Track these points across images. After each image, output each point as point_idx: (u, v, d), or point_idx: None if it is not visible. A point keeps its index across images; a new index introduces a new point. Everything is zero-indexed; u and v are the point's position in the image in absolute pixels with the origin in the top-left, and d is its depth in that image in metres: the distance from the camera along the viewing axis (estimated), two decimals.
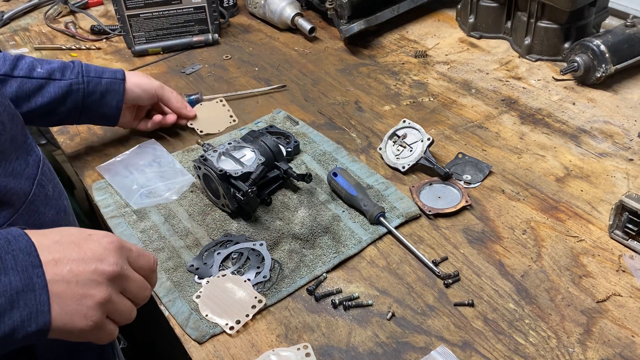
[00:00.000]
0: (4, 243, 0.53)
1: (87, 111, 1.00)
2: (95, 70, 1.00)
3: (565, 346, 0.73)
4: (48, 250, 0.54)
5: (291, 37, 1.50)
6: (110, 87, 1.00)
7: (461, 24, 1.46)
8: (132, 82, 1.03)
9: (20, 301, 0.51)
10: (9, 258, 0.52)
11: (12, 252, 0.52)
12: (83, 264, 0.55)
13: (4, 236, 0.53)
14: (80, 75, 0.98)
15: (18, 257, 0.52)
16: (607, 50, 1.13)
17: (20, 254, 0.53)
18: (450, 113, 1.16)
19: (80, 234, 0.58)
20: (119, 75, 1.01)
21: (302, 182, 0.96)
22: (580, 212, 0.92)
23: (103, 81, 0.99)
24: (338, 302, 0.79)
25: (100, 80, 0.99)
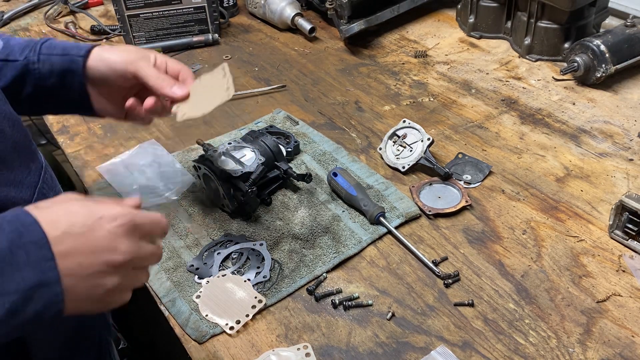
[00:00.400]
0: (16, 236, 0.51)
1: (50, 97, 0.82)
2: (57, 47, 0.81)
3: (565, 346, 0.73)
4: (59, 242, 0.52)
5: (291, 37, 1.50)
6: (68, 66, 0.79)
7: (461, 24, 1.46)
8: (96, 58, 0.80)
9: (34, 296, 0.50)
10: (21, 253, 0.50)
11: (25, 247, 0.51)
12: (93, 257, 0.54)
13: (15, 227, 0.51)
14: (36, 53, 0.79)
15: (30, 251, 0.51)
16: (607, 50, 1.13)
17: (33, 247, 0.51)
18: (450, 113, 1.16)
19: (90, 218, 0.55)
20: (81, 51, 0.80)
21: (302, 182, 0.96)
22: (580, 212, 0.92)
23: (59, 59, 0.79)
24: (338, 302, 0.79)
25: (58, 59, 0.79)
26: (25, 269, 0.50)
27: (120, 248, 0.55)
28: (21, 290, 0.49)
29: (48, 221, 0.53)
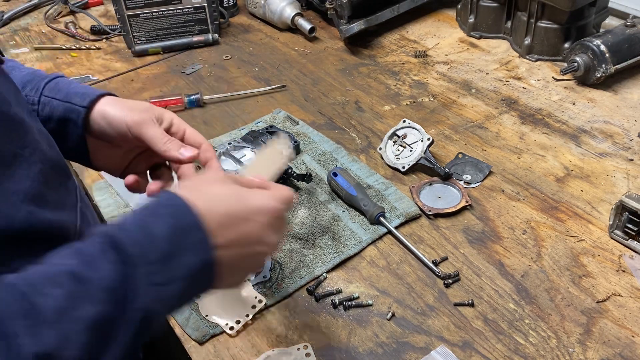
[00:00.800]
0: (174, 217, 0.52)
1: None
2: (61, 91, 0.72)
3: (565, 346, 0.73)
4: (214, 235, 0.53)
5: (291, 37, 1.50)
6: (68, 115, 0.71)
7: (461, 24, 1.46)
8: (99, 112, 0.71)
9: (198, 280, 0.52)
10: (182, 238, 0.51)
11: (185, 231, 0.51)
12: (245, 247, 0.56)
13: (170, 206, 0.53)
14: (38, 93, 0.72)
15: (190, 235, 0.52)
16: (607, 50, 1.13)
17: (192, 231, 0.52)
18: (450, 113, 1.16)
19: (241, 210, 0.56)
20: (84, 101, 0.71)
21: (302, 182, 0.96)
22: (580, 212, 0.92)
23: (61, 105, 0.71)
24: (338, 302, 0.79)
25: (59, 105, 0.71)
26: (187, 254, 0.51)
27: (267, 240, 0.58)
28: (188, 276, 0.50)
29: (205, 207, 0.53)
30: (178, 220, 0.51)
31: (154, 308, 0.49)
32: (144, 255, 0.49)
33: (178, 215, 0.52)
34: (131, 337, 0.47)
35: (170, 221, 0.51)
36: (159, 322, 0.52)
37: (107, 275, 0.47)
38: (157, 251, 0.49)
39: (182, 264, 0.50)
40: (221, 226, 0.54)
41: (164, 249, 0.50)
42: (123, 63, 1.41)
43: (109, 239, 0.49)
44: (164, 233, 0.50)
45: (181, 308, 0.55)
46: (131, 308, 0.47)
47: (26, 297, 0.44)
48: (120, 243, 0.49)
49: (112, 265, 0.47)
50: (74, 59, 1.44)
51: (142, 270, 0.48)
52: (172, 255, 0.50)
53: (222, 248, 0.53)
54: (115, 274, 0.47)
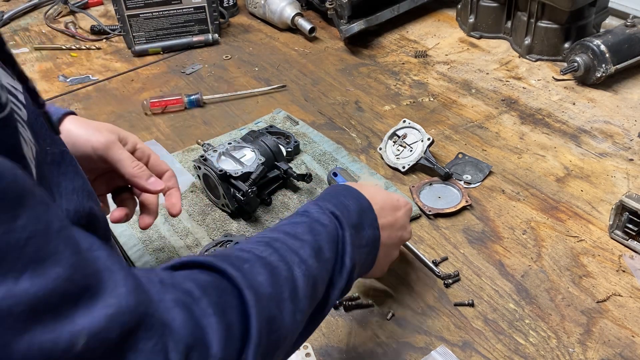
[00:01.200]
0: (357, 200, 0.65)
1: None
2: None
3: (565, 346, 0.73)
4: (379, 215, 0.66)
5: (291, 37, 1.50)
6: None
7: (461, 24, 1.46)
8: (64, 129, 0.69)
9: (371, 252, 0.65)
10: (364, 215, 0.65)
11: (365, 211, 0.65)
12: (395, 231, 0.70)
13: (350, 192, 0.67)
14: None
15: (368, 214, 0.65)
16: (607, 50, 1.13)
17: (369, 212, 0.65)
18: (450, 113, 1.16)
19: (391, 201, 0.71)
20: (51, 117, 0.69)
21: (302, 182, 0.96)
22: (580, 212, 0.92)
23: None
24: (338, 302, 0.79)
25: None
26: (367, 228, 0.64)
27: (408, 227, 0.74)
28: (369, 243, 0.64)
29: (369, 197, 0.67)
30: (360, 202, 0.65)
31: (357, 263, 0.60)
32: (347, 221, 0.61)
33: (359, 198, 0.66)
34: (344, 284, 0.59)
35: (356, 201, 0.65)
36: (354, 279, 0.62)
37: (332, 229, 0.59)
38: (352, 220, 0.62)
39: (365, 235, 0.63)
40: (382, 210, 0.68)
41: (355, 220, 0.63)
42: (123, 63, 1.41)
43: (322, 206, 0.62)
44: (354, 208, 0.64)
45: (356, 279, 0.64)
46: (344, 257, 0.59)
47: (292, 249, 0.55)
48: (331, 209, 0.62)
49: (332, 222, 0.60)
50: (74, 59, 1.44)
51: (348, 231, 0.60)
52: (360, 226, 0.63)
53: (382, 228, 0.67)
54: (335, 229, 0.60)
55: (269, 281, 0.48)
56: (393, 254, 0.72)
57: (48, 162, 0.50)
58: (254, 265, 0.49)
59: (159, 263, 0.86)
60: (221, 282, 0.46)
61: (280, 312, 0.48)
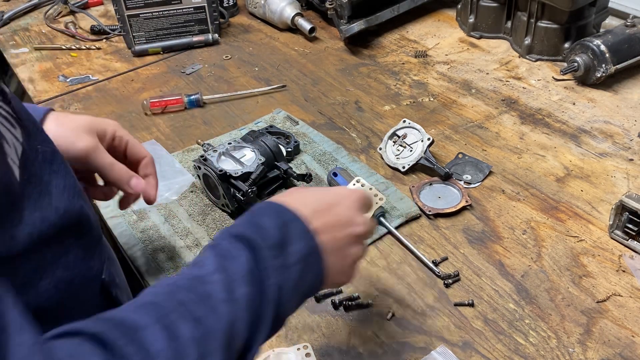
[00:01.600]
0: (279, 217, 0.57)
1: None
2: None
3: (565, 346, 0.73)
4: (312, 219, 0.58)
5: (291, 37, 1.50)
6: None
7: (461, 24, 1.46)
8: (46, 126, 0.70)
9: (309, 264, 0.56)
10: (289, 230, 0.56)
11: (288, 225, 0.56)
12: (340, 230, 0.60)
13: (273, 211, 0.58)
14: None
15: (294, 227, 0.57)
16: (607, 50, 1.13)
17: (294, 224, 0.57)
18: (450, 113, 1.16)
19: (326, 198, 0.62)
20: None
21: (302, 182, 0.96)
22: (580, 212, 0.92)
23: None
24: (338, 302, 0.79)
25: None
26: (296, 242, 0.56)
27: (357, 220, 0.62)
28: (301, 259, 0.55)
29: (296, 205, 0.59)
30: (280, 216, 0.57)
31: (284, 287, 0.53)
32: (263, 241, 0.54)
33: (280, 212, 0.57)
34: (273, 317, 0.52)
35: (274, 217, 0.57)
36: (290, 307, 0.56)
37: (244, 260, 0.52)
38: (271, 239, 0.54)
39: (294, 250, 0.55)
40: (315, 213, 0.59)
41: (276, 237, 0.55)
42: (123, 63, 1.41)
43: (231, 235, 0.55)
44: (272, 225, 0.55)
45: (304, 299, 0.59)
46: (268, 284, 0.52)
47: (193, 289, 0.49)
48: (241, 235, 0.54)
49: (243, 251, 0.53)
50: (73, 59, 1.44)
51: (266, 253, 0.53)
52: (284, 243, 0.55)
53: (321, 232, 0.58)
54: (249, 257, 0.52)
55: (170, 346, 0.43)
56: (351, 253, 0.62)
57: (39, 160, 0.50)
58: (150, 330, 0.43)
59: (159, 263, 0.86)
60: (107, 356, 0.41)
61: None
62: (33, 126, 0.53)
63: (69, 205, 0.52)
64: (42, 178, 0.50)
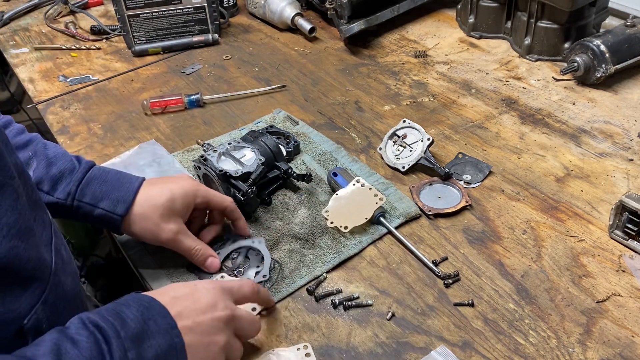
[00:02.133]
0: (144, 310, 0.58)
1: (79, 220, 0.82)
2: (93, 195, 0.78)
3: (565, 346, 0.73)
4: (172, 306, 0.60)
5: (291, 37, 1.50)
6: (105, 219, 0.79)
7: (461, 24, 1.46)
8: (135, 225, 0.79)
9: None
10: (151, 324, 0.58)
11: (153, 318, 0.58)
12: (202, 314, 0.62)
13: (139, 303, 0.59)
14: (71, 198, 0.78)
15: (158, 320, 0.58)
16: (607, 50, 1.13)
17: (159, 318, 0.59)
18: (450, 113, 1.16)
19: (188, 287, 0.64)
20: (119, 210, 0.78)
21: (302, 182, 0.96)
22: (580, 212, 0.92)
23: (95, 211, 0.78)
24: (338, 302, 0.79)
25: (93, 210, 0.78)
26: (157, 337, 0.57)
27: (220, 304, 0.64)
28: (159, 355, 0.56)
29: (157, 294, 0.62)
30: (146, 308, 0.59)
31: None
32: (117, 333, 0.54)
33: (147, 305, 0.59)
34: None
35: (140, 308, 0.58)
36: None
37: (88, 346, 0.52)
38: (128, 330, 0.55)
39: (154, 344, 0.56)
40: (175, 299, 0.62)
41: (135, 329, 0.56)
42: (123, 63, 1.41)
43: (82, 321, 0.55)
44: (135, 316, 0.57)
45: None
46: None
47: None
48: (94, 322, 0.55)
49: (88, 339, 0.53)
50: (74, 59, 1.44)
51: (116, 344, 0.54)
52: (143, 336, 0.56)
53: (183, 318, 0.60)
54: (94, 345, 0.53)
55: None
56: (216, 340, 0.63)
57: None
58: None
59: (159, 265, 0.86)
60: None
61: None
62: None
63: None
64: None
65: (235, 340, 0.67)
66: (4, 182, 0.54)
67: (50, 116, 1.23)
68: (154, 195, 0.80)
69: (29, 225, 0.57)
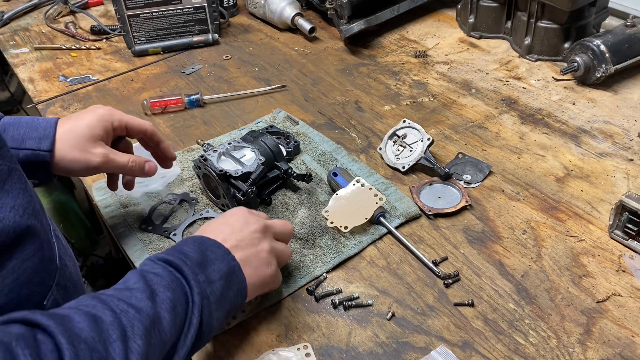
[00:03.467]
0: (199, 244, 0.67)
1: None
2: (13, 139, 0.76)
3: (565, 346, 0.73)
4: (226, 241, 0.69)
5: (291, 37, 1.50)
6: (32, 159, 0.77)
7: (461, 24, 1.46)
8: (61, 157, 0.78)
9: (231, 280, 0.66)
10: (209, 254, 0.66)
11: (208, 249, 0.66)
12: (240, 233, 0.71)
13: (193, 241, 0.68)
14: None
15: (214, 250, 0.67)
16: (607, 50, 1.13)
17: (214, 248, 0.67)
18: (450, 113, 1.16)
19: (220, 219, 0.74)
20: (43, 145, 0.77)
21: (302, 182, 0.96)
22: (580, 212, 0.92)
23: (21, 153, 0.77)
24: (338, 302, 0.79)
25: (18, 153, 0.76)
26: (217, 263, 0.65)
27: (251, 219, 0.74)
28: (223, 276, 0.64)
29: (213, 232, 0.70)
30: (200, 242, 0.67)
31: (208, 298, 0.61)
32: (184, 262, 0.62)
33: (199, 240, 0.67)
34: (197, 324, 0.59)
35: (195, 244, 0.66)
36: (215, 320, 0.63)
37: (166, 274, 0.60)
38: (193, 260, 0.63)
39: (216, 269, 0.64)
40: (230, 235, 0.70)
41: (197, 259, 0.64)
42: (123, 63, 1.41)
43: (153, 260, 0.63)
44: (193, 249, 0.65)
45: (228, 314, 0.68)
46: (192, 294, 0.59)
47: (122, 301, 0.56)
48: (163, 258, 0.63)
49: (166, 269, 0.61)
50: (74, 59, 1.44)
51: (187, 270, 0.61)
52: (205, 263, 0.64)
53: (237, 249, 0.69)
54: (171, 273, 0.60)
55: (90, 326, 0.50)
56: (264, 271, 0.72)
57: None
58: (73, 315, 0.50)
59: None
60: (34, 332, 0.47)
61: (107, 353, 0.49)
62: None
63: (11, 223, 0.54)
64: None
65: (278, 243, 0.76)
66: (12, 167, 0.57)
67: (50, 116, 1.23)
68: (72, 127, 0.80)
69: (39, 207, 0.61)
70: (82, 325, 0.49)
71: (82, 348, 0.47)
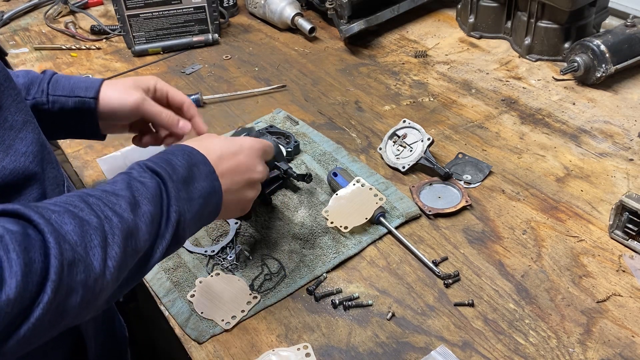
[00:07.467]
0: (188, 158, 0.66)
1: (62, 129, 0.89)
2: (64, 87, 0.86)
3: (565, 346, 0.73)
4: (217, 163, 0.69)
5: (291, 37, 1.50)
6: (80, 107, 0.85)
7: (461, 24, 1.46)
8: (105, 99, 0.85)
9: (209, 201, 0.67)
10: (195, 170, 0.66)
11: (196, 165, 0.66)
12: (239, 175, 0.72)
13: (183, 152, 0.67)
14: (45, 94, 0.85)
15: (201, 167, 0.67)
16: (607, 50, 1.13)
17: (202, 165, 0.67)
18: (450, 113, 1.16)
19: (234, 146, 0.73)
20: (89, 93, 0.85)
21: (302, 182, 0.96)
22: (580, 212, 0.92)
23: (70, 101, 0.85)
24: (338, 302, 0.79)
25: (68, 100, 0.85)
26: (200, 181, 0.66)
27: (257, 168, 0.74)
28: (203, 195, 0.65)
29: (204, 149, 0.69)
30: (190, 157, 0.67)
31: (185, 215, 0.62)
32: (170, 176, 0.63)
33: (191, 154, 0.67)
34: (171, 237, 0.61)
35: (185, 157, 0.66)
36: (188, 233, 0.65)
37: (152, 185, 0.61)
38: (179, 175, 0.64)
39: (198, 187, 0.65)
40: (220, 159, 0.70)
41: (183, 174, 0.64)
42: (123, 63, 1.41)
43: (142, 166, 0.64)
44: (182, 164, 0.65)
45: (200, 227, 0.69)
46: (169, 210, 0.61)
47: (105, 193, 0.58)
48: (152, 168, 0.63)
49: (152, 180, 0.62)
50: (74, 59, 1.44)
51: (171, 185, 0.62)
52: (189, 180, 0.65)
53: (223, 176, 0.69)
54: (157, 185, 0.61)
55: (76, 230, 0.52)
56: (246, 195, 0.74)
57: (5, 128, 0.61)
58: (62, 215, 0.52)
59: (160, 266, 0.86)
60: (26, 227, 0.49)
61: (87, 256, 0.51)
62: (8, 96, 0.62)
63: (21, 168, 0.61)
64: (3, 141, 0.60)
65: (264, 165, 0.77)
66: (27, 119, 0.64)
67: None
68: (117, 80, 0.88)
69: (52, 158, 0.67)
70: (69, 227, 0.51)
71: (66, 248, 0.50)
